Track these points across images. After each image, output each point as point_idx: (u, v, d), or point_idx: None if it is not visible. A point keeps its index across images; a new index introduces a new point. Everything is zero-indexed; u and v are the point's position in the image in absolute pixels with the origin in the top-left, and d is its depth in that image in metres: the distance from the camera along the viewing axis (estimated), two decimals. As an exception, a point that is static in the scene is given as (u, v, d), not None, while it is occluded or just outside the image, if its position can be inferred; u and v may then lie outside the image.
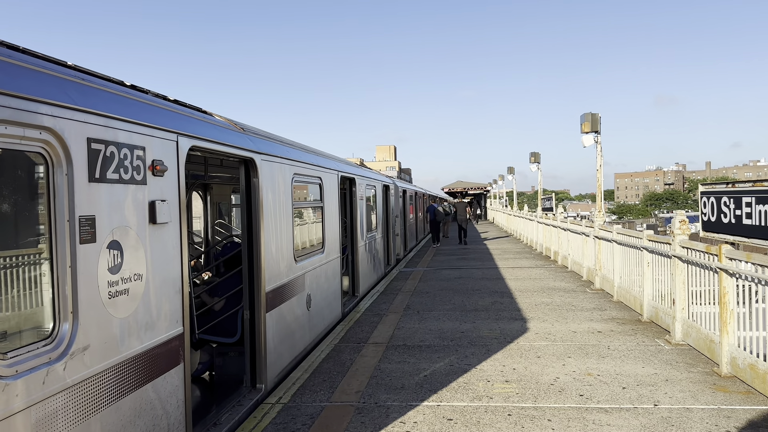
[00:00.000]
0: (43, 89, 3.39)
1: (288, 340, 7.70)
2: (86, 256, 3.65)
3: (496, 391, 6.79)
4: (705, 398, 6.43)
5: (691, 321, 8.57)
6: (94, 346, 3.69)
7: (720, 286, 7.44)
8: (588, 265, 15.40)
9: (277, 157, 7.48)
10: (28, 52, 3.65)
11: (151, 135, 4.43)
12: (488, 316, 11.02)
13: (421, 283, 15.54)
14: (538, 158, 28.89)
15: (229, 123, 6.66)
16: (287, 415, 6.22)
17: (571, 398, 6.51)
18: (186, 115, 5.32)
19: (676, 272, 8.97)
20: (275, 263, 7.20)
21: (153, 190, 4.43)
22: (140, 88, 4.86)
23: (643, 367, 7.58)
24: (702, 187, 8.42)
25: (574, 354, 8.28)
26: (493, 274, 17.08)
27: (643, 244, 10.62)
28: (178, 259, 4.79)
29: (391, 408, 6.36)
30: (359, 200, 13.51)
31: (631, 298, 11.50)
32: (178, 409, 4.72)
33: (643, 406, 6.23)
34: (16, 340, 3.31)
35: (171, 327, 4.65)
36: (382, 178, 18.64)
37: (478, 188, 63.74)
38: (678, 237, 9.00)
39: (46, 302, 3.51)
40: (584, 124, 15.71)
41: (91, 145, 3.72)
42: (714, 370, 7.37)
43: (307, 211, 9.44)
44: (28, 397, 3.13)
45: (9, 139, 3.15)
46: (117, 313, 3.95)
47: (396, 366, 7.90)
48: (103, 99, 3.97)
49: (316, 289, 9.22)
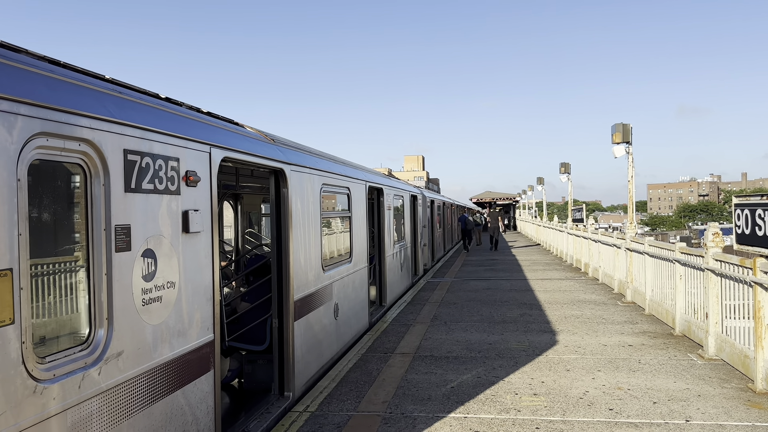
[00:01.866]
0: (82, 102, 3.51)
1: (315, 349, 7.76)
2: (121, 264, 3.75)
3: (524, 404, 6.74)
4: (739, 415, 6.29)
5: (724, 335, 8.39)
6: (127, 352, 3.78)
7: (755, 301, 7.28)
8: (619, 278, 15.18)
9: (306, 167, 7.57)
10: (68, 66, 3.78)
11: (184, 146, 4.54)
12: (516, 328, 10.94)
13: (449, 294, 15.49)
14: (569, 168, 28.63)
15: (260, 134, 6.78)
16: (314, 423, 6.26)
17: (600, 412, 6.43)
18: (218, 126, 5.44)
19: (709, 285, 8.80)
20: (303, 272, 7.28)
21: (186, 200, 4.53)
22: (174, 100, 4.98)
23: (674, 382, 7.44)
24: (736, 199, 8.27)
25: (604, 368, 8.17)
26: (522, 285, 16.94)
27: (676, 256, 10.44)
28: (210, 268, 4.88)
29: (417, 419, 6.35)
30: (387, 210, 13.56)
31: (663, 311, 11.30)
32: (207, 415, 4.80)
33: (675, 422, 6.12)
34: (53, 345, 3.41)
35: (202, 334, 4.73)
36: (409, 188, 18.68)
37: (506, 198, 63.34)
38: (711, 250, 8.84)
39: (82, 308, 3.61)
40: (615, 134, 15.55)
41: (128, 156, 3.84)
42: (748, 386, 7.20)
43: (335, 220, 9.51)
44: (64, 401, 3.23)
45: (50, 151, 3.27)
46: (150, 320, 4.04)
47: (423, 377, 7.89)
48: (139, 111, 4.09)
49: (344, 298, 9.27)
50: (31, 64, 3.32)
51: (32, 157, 3.14)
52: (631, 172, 15.74)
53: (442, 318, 12.05)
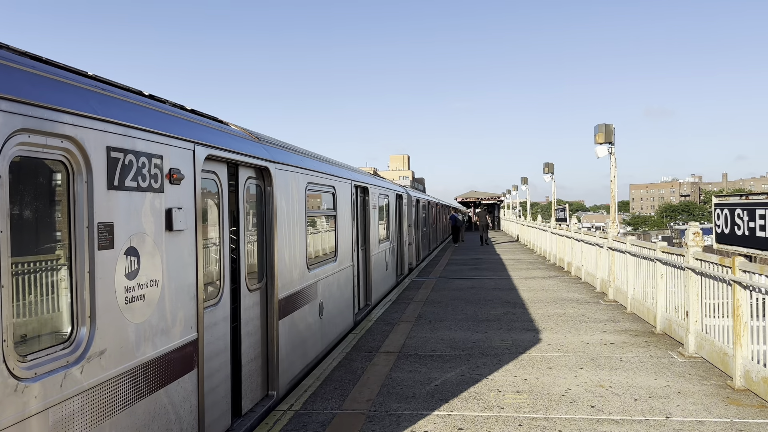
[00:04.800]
0: (65, 99, 3.48)
1: (300, 348, 7.75)
2: (104, 262, 3.73)
3: (507, 402, 6.79)
4: (718, 411, 6.38)
5: (704, 333, 8.51)
6: (110, 351, 3.76)
7: (734, 299, 7.40)
8: (601, 277, 15.33)
9: (291, 166, 7.56)
10: (51, 62, 3.75)
11: (168, 144, 4.51)
12: (500, 326, 11.01)
13: (434, 293, 15.54)
14: (552, 168, 28.80)
15: (245, 132, 6.76)
16: (298, 422, 6.26)
17: (582, 409, 6.50)
18: (202, 124, 5.42)
19: (689, 284, 8.92)
20: (288, 271, 7.27)
21: (170, 197, 4.51)
22: (158, 97, 4.96)
23: (655, 380, 7.54)
24: (716, 199, 8.39)
25: (587, 365, 8.25)
26: (506, 284, 17.04)
27: (657, 255, 10.57)
28: (194, 266, 4.87)
29: (402, 417, 6.38)
30: (372, 209, 13.57)
31: (644, 309, 11.43)
32: (191, 414, 4.78)
33: (655, 419, 6.20)
34: (34, 344, 3.38)
35: (185, 333, 4.72)
36: (395, 187, 18.71)
37: (491, 198, 63.57)
38: (691, 249, 8.96)
39: (64, 307, 3.59)
40: (598, 135, 15.68)
41: (111, 154, 3.81)
42: (727, 383, 7.32)
43: (320, 219, 9.51)
44: (45, 399, 3.20)
45: (32, 147, 3.25)
46: (133, 318, 4.02)
47: (407, 375, 7.91)
48: (122, 108, 4.06)
49: (329, 297, 9.27)
50: (13, 59, 3.29)
51: (13, 153, 3.11)
52: (614, 172, 15.89)
53: (427, 317, 12.09)
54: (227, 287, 5.81)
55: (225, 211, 5.83)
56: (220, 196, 5.74)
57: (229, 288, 5.85)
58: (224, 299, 5.73)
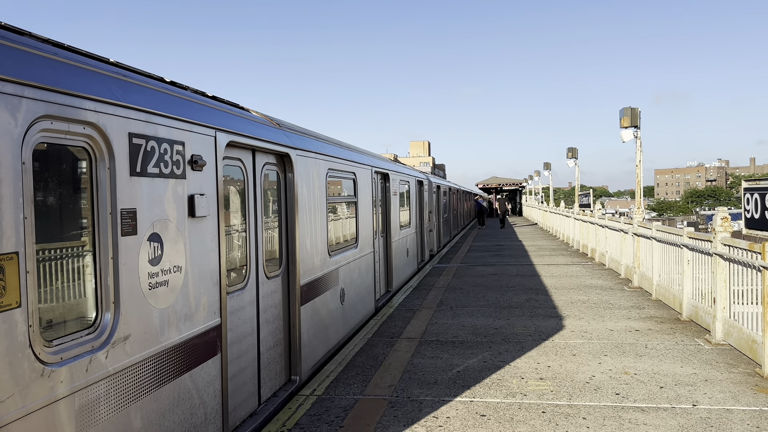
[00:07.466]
0: (86, 85, 3.49)
1: (322, 334, 7.77)
2: (127, 248, 3.74)
3: (530, 389, 6.74)
4: (746, 399, 6.27)
5: (732, 320, 8.36)
6: (134, 336, 3.79)
7: (763, 285, 7.23)
8: (626, 263, 15.13)
9: (312, 152, 7.54)
10: (73, 49, 3.75)
11: (190, 130, 4.51)
12: (523, 313, 10.93)
13: (455, 279, 15.49)
14: (576, 153, 28.45)
15: (265, 118, 6.74)
16: (321, 407, 6.29)
17: (606, 397, 6.43)
18: (224, 111, 5.41)
19: (717, 270, 8.75)
20: (309, 257, 7.27)
21: (192, 184, 4.52)
22: (180, 84, 4.95)
23: (681, 367, 7.43)
24: (745, 183, 8.19)
25: (611, 352, 8.16)
26: (528, 270, 16.92)
27: (683, 241, 10.39)
28: (216, 252, 4.88)
29: (424, 403, 6.37)
30: (393, 195, 13.52)
31: (670, 296, 11.27)
32: (215, 398, 4.82)
33: (682, 406, 6.11)
34: (60, 329, 3.42)
35: (209, 318, 4.74)
36: (415, 173, 18.62)
37: (513, 184, 63.06)
38: (719, 234, 8.78)
39: (89, 293, 3.61)
40: (623, 119, 15.42)
41: (133, 140, 3.82)
42: (756, 371, 7.18)
43: (341, 206, 9.50)
44: (71, 384, 3.24)
45: (55, 134, 3.26)
46: (157, 304, 4.05)
47: (429, 361, 7.90)
48: (144, 95, 4.06)
49: (350, 283, 9.27)
50: (35, 46, 3.29)
51: (37, 140, 3.12)
52: (639, 157, 15.63)
53: (448, 303, 12.06)
54: (253, 273, 5.84)
55: (250, 198, 5.83)
56: (245, 183, 5.74)
57: (254, 273, 5.88)
58: (250, 284, 5.76)
